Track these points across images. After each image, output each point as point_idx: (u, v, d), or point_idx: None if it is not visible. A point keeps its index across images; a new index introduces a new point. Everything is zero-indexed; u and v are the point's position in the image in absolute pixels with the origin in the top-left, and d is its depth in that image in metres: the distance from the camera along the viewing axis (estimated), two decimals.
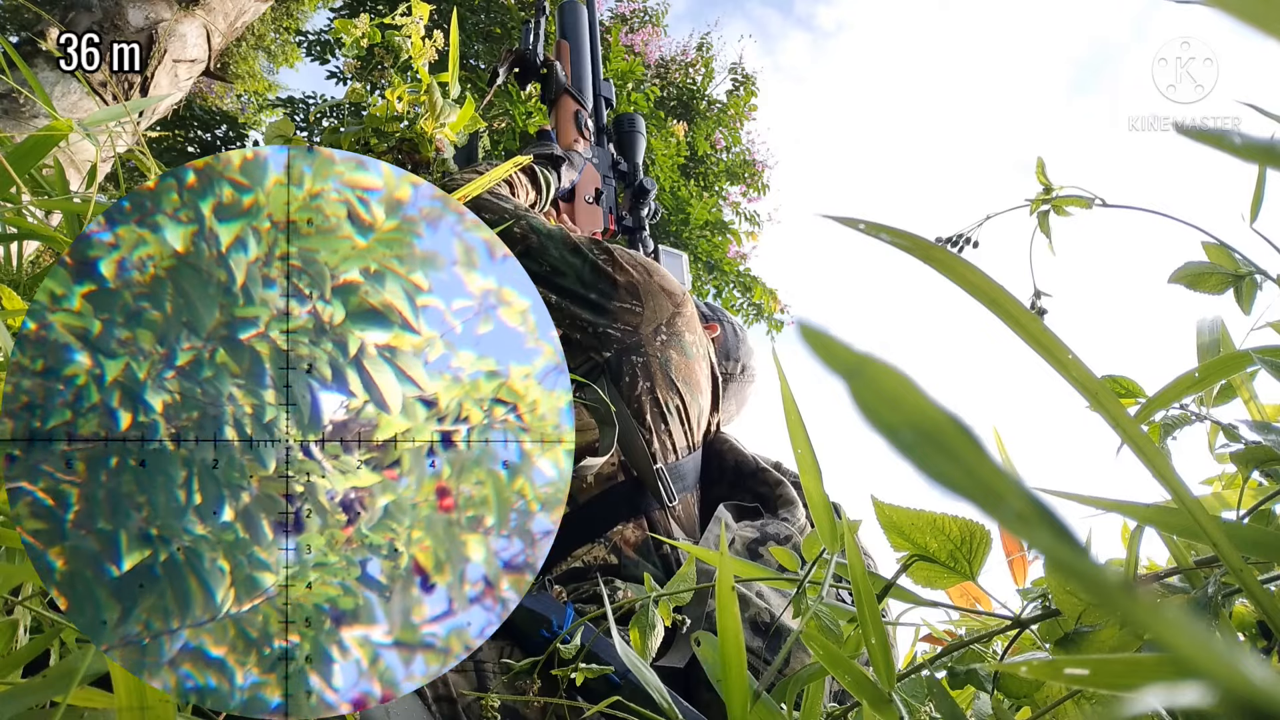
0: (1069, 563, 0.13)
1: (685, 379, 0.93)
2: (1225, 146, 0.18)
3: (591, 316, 0.91)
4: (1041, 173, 0.61)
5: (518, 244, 0.90)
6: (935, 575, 0.42)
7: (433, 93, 1.00)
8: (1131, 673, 0.16)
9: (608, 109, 1.41)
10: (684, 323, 0.95)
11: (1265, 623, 0.37)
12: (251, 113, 5.44)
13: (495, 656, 0.63)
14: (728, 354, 1.18)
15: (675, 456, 0.90)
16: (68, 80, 2.64)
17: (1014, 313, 0.22)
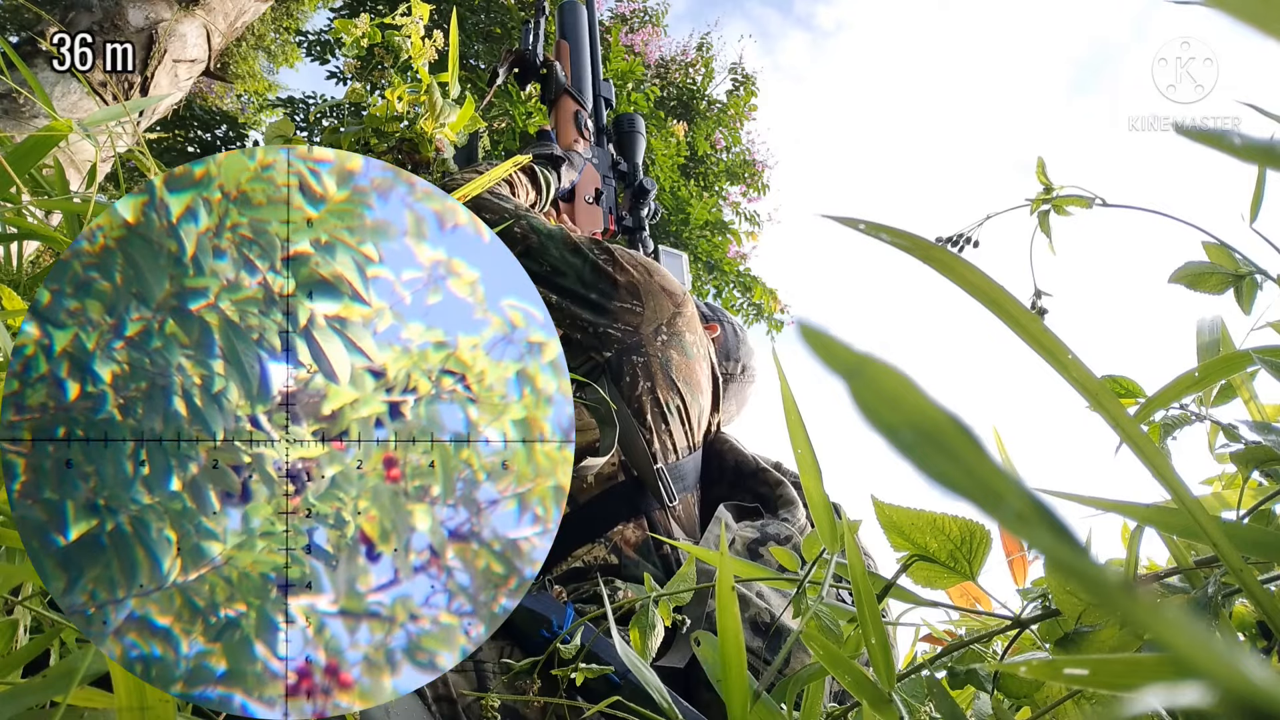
0: (1069, 563, 0.13)
1: (686, 379, 0.93)
2: (1225, 147, 0.18)
3: (592, 316, 0.91)
4: (1042, 172, 0.61)
5: (518, 243, 0.90)
6: (935, 575, 0.42)
7: (433, 93, 1.00)
8: (1131, 673, 0.16)
9: (607, 109, 1.41)
10: (684, 323, 0.95)
11: (1265, 623, 0.37)
12: (251, 113, 5.44)
13: (495, 656, 0.63)
14: (728, 354, 1.18)
15: (675, 456, 0.90)
16: (68, 80, 2.64)
17: (1014, 313, 0.22)
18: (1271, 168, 0.18)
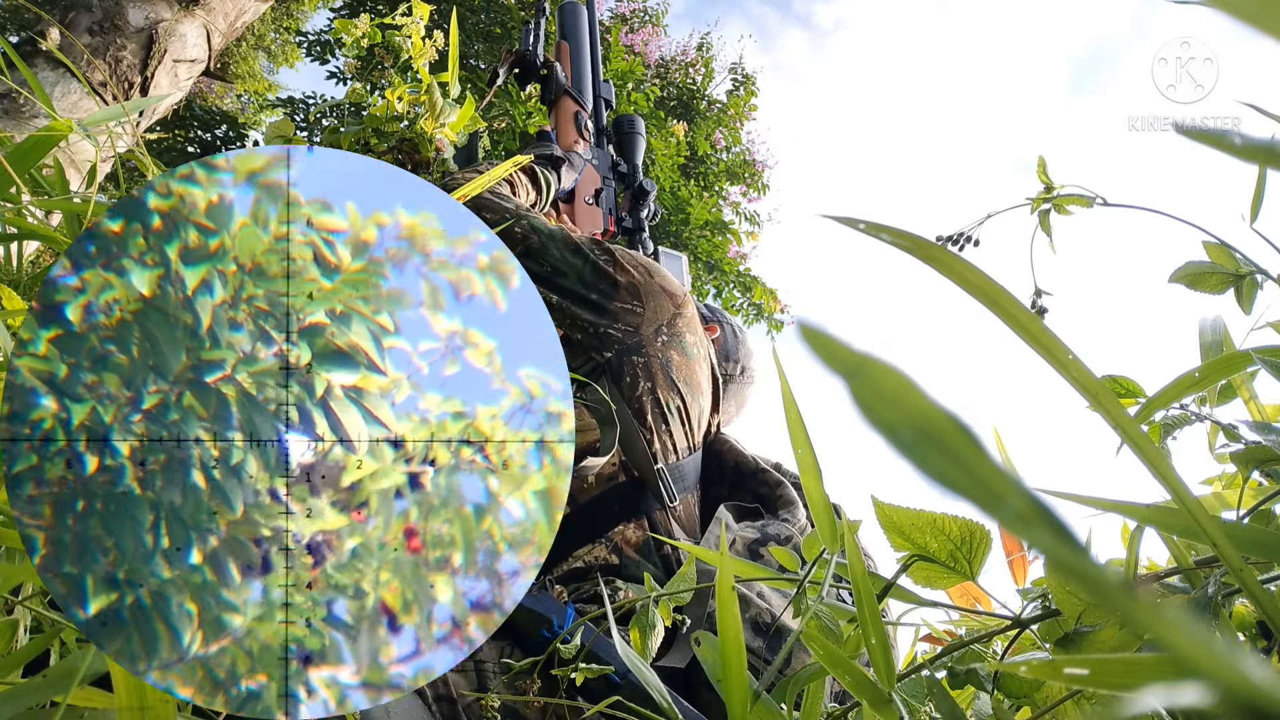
0: (1069, 562, 0.13)
1: (686, 380, 0.93)
2: (1225, 146, 0.18)
3: (592, 317, 0.91)
4: (1042, 172, 0.61)
5: (518, 244, 0.90)
6: (935, 575, 0.42)
7: (433, 93, 1.00)
8: (1131, 672, 0.16)
9: (607, 110, 1.41)
10: (685, 324, 0.95)
11: (1265, 623, 0.37)
12: (251, 113, 5.44)
13: (495, 656, 0.63)
14: (727, 355, 1.18)
15: (676, 457, 0.90)
16: (68, 80, 2.64)
17: (1014, 312, 0.22)
18: (1272, 167, 0.18)
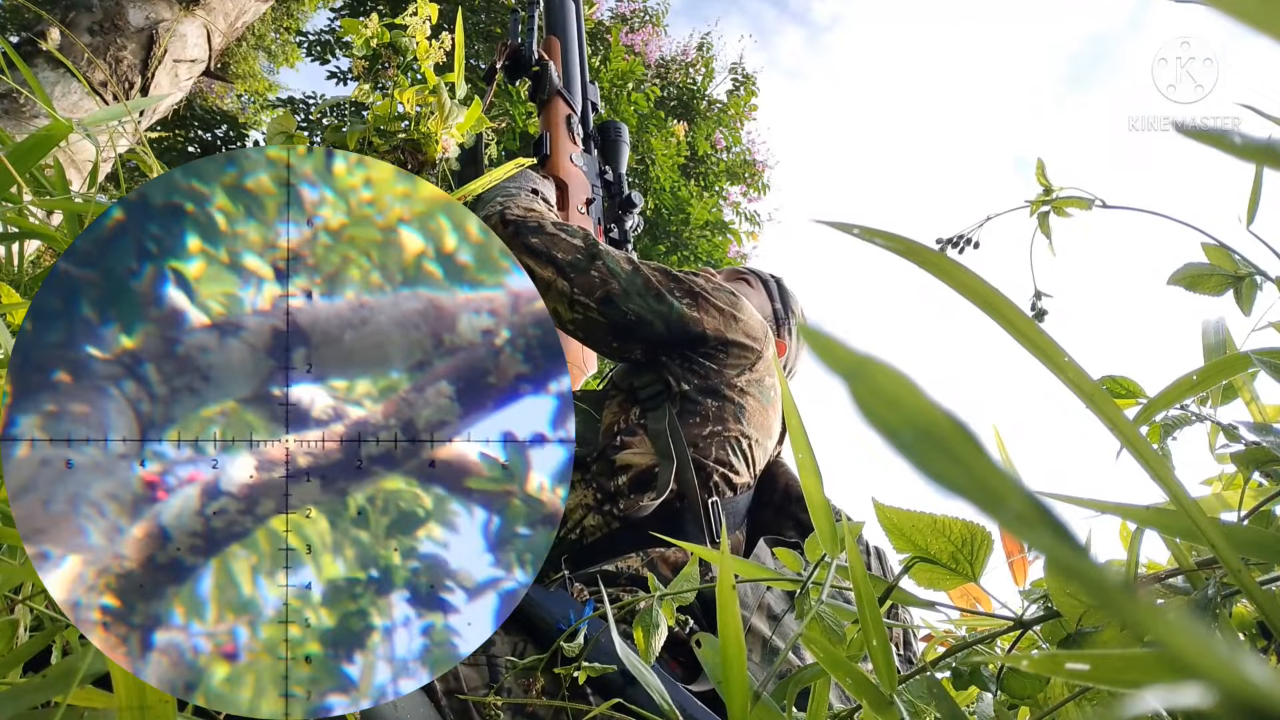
0: (1069, 564, 0.13)
1: (759, 424, 0.92)
2: (1225, 146, 0.18)
3: (674, 358, 0.91)
4: (1042, 174, 0.61)
5: (597, 289, 0.88)
6: (937, 577, 0.42)
7: (440, 93, 1.00)
8: (1132, 668, 0.16)
9: (594, 113, 1.38)
10: (765, 367, 0.94)
11: (1265, 623, 0.37)
12: (252, 113, 5.44)
13: (507, 651, 0.63)
14: (780, 316, 1.16)
15: (732, 493, 0.89)
16: (68, 80, 2.64)
17: (1009, 316, 0.22)
18: (1271, 168, 0.18)
